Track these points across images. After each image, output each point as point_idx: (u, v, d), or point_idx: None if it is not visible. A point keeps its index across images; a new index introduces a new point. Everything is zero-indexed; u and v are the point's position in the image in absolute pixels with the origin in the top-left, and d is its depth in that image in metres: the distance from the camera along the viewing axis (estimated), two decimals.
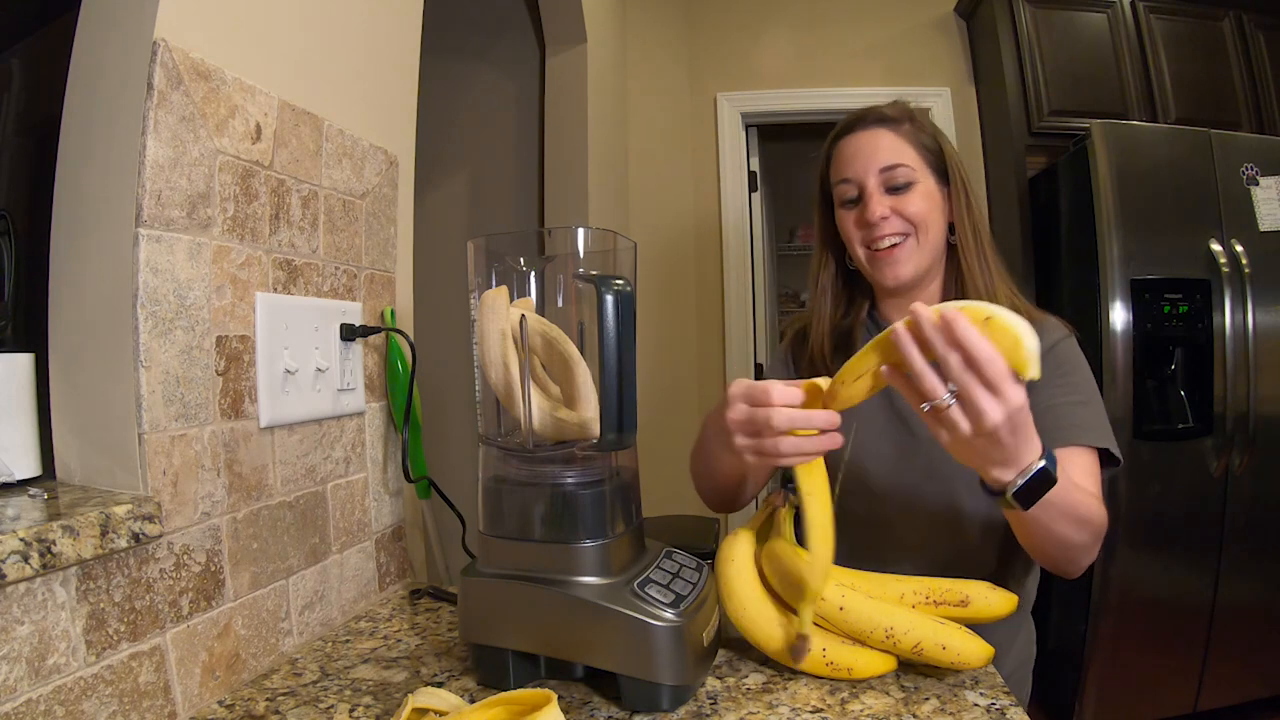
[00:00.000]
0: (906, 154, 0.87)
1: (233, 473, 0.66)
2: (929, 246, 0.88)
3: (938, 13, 2.72)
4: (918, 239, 0.87)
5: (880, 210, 0.86)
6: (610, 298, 0.55)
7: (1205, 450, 1.90)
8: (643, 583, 0.60)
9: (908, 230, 0.87)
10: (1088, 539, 0.72)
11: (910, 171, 0.87)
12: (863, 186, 0.88)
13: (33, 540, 0.47)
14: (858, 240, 0.90)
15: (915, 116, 0.90)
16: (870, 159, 0.87)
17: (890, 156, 0.87)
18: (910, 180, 0.87)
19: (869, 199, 0.87)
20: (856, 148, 0.89)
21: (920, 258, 0.88)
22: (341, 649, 0.74)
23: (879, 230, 0.87)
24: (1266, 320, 1.91)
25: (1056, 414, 0.81)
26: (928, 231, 0.87)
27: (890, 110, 0.90)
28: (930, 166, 0.88)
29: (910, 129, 0.88)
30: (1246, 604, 1.92)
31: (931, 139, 0.90)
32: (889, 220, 0.86)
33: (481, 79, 2.31)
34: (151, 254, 0.58)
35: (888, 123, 0.88)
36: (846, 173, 0.89)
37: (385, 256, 0.92)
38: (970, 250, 0.89)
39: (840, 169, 0.90)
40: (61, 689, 0.50)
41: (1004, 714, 0.57)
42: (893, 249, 0.87)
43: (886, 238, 0.87)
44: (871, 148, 0.88)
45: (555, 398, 0.65)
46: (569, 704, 0.60)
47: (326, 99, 0.80)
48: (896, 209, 0.86)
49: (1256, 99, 2.37)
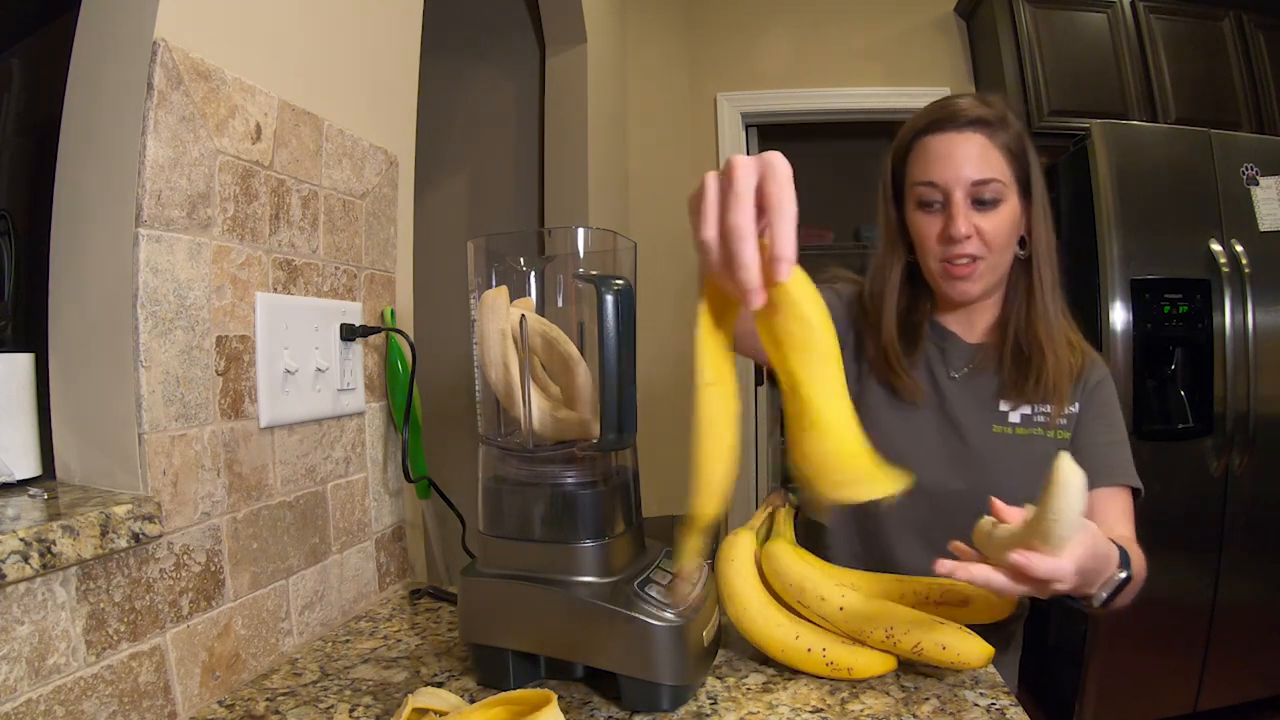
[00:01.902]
0: (998, 166, 0.82)
1: (233, 473, 0.66)
2: (1002, 266, 0.85)
3: (938, 13, 2.72)
4: (990, 261, 0.83)
5: (965, 228, 0.81)
6: (610, 298, 0.55)
7: (1205, 450, 1.90)
8: (643, 583, 0.60)
9: (984, 252, 0.83)
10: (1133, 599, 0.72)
11: (1000, 187, 0.82)
12: (948, 196, 0.82)
13: (33, 540, 0.47)
14: (933, 252, 0.85)
15: (1008, 118, 0.84)
16: (961, 167, 0.81)
17: (982, 169, 0.81)
18: (998, 197, 0.82)
19: (954, 213, 0.81)
20: (947, 150, 0.82)
21: (991, 278, 0.85)
22: (341, 649, 0.74)
23: (958, 249, 0.82)
24: (1266, 320, 1.91)
25: (1099, 454, 0.83)
26: (1004, 253, 0.84)
27: (986, 110, 0.83)
28: (1017, 179, 0.84)
29: (1003, 134, 0.83)
30: (1246, 604, 1.92)
31: (1019, 144, 0.84)
32: (971, 240, 0.82)
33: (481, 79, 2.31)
34: (151, 254, 0.58)
35: (983, 126, 0.82)
36: (932, 175, 0.83)
37: (385, 256, 0.92)
38: (1046, 273, 0.85)
39: (924, 169, 0.84)
40: (61, 689, 0.50)
41: (1004, 714, 0.57)
42: (967, 267, 0.83)
43: (963, 257, 0.83)
44: (963, 154, 0.82)
45: (555, 398, 0.65)
46: (569, 704, 0.60)
47: (326, 99, 0.80)
48: (979, 227, 0.82)
49: (1256, 99, 2.37)
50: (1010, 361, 0.86)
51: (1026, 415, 0.87)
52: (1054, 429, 0.85)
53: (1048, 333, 0.84)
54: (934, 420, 0.89)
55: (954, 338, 0.92)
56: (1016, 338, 0.86)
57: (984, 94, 0.85)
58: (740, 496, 2.70)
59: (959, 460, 0.87)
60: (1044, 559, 0.52)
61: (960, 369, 0.90)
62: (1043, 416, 0.86)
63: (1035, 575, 0.52)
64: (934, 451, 0.88)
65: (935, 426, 0.89)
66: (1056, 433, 0.85)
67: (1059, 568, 0.53)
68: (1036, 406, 0.86)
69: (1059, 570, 0.53)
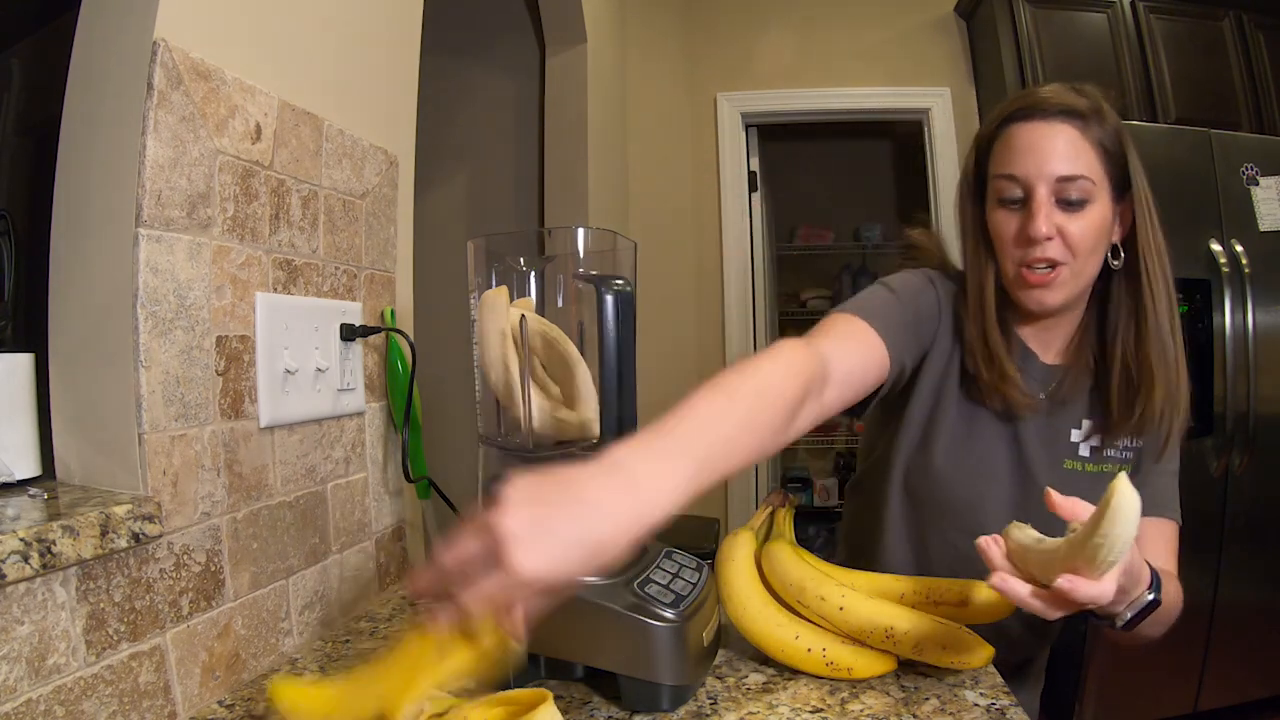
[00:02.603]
0: (1089, 161, 0.74)
1: (233, 473, 0.66)
2: (1085, 276, 0.77)
3: (938, 13, 2.72)
4: (1074, 268, 0.75)
5: (1046, 228, 0.73)
6: (610, 298, 0.55)
7: (1205, 450, 1.90)
8: (643, 583, 0.60)
9: (1066, 258, 0.75)
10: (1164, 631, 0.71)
11: (1089, 186, 0.74)
12: (1030, 191, 0.75)
13: (33, 540, 0.47)
14: (1010, 255, 0.78)
15: (1104, 110, 0.76)
16: (1046, 161, 0.74)
17: (1069, 164, 0.74)
18: (1086, 197, 0.74)
19: (1035, 210, 0.74)
20: (1032, 141, 0.75)
21: (1073, 287, 0.77)
22: (341, 649, 0.74)
23: (1038, 252, 0.75)
24: (1266, 320, 1.91)
25: (1157, 483, 0.81)
26: (1089, 259, 0.76)
27: (1078, 100, 0.76)
28: (1109, 178, 0.76)
29: (1096, 128, 0.75)
30: (1246, 604, 1.92)
31: (1115, 140, 0.76)
32: (1053, 242, 0.74)
33: (481, 79, 2.31)
34: (151, 254, 0.58)
35: (1074, 117, 0.75)
36: (1014, 168, 0.76)
37: (385, 256, 0.92)
38: (1158, 284, 0.77)
39: (1007, 161, 0.77)
40: (61, 689, 0.50)
41: (1004, 714, 0.57)
42: (1046, 273, 0.75)
43: (1042, 261, 0.75)
44: (1050, 146, 0.74)
45: (555, 398, 0.65)
46: (569, 704, 0.60)
47: (326, 99, 0.80)
48: (1062, 229, 0.74)
49: (1256, 99, 2.37)
50: (1120, 389, 0.78)
51: (1095, 448, 0.82)
52: (1120, 464, 0.81)
53: (1161, 357, 0.76)
54: (1006, 449, 0.82)
55: (1033, 357, 0.83)
56: (1125, 362, 0.78)
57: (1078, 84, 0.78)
58: (740, 496, 2.70)
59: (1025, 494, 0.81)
60: (1088, 584, 0.50)
61: (1037, 393, 0.82)
62: (1112, 451, 0.81)
63: (1077, 600, 0.50)
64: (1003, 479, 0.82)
65: (1006, 455, 0.82)
66: (1122, 467, 0.81)
67: (1102, 592, 0.50)
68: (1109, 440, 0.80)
69: (1102, 595, 0.51)
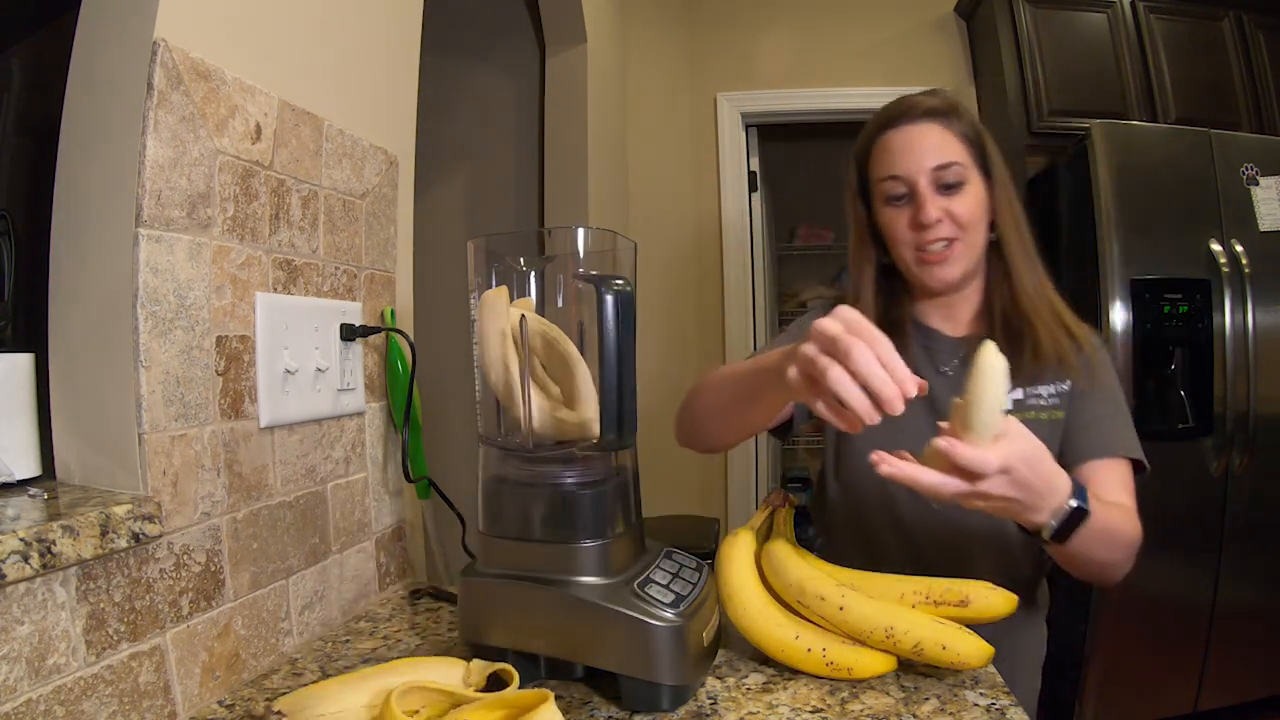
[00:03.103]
0: (956, 150, 0.84)
1: (233, 473, 0.66)
2: (976, 247, 0.86)
3: (938, 13, 2.72)
4: (965, 241, 0.85)
5: (934, 213, 0.83)
6: (610, 298, 0.55)
7: (1205, 450, 1.90)
8: (643, 583, 0.60)
9: (957, 234, 0.84)
10: (1122, 557, 0.75)
11: (961, 170, 0.84)
12: (913, 186, 0.84)
13: (33, 540, 0.47)
14: (907, 242, 0.87)
15: (959, 107, 0.87)
16: (922, 156, 0.84)
17: (941, 154, 0.84)
18: (961, 179, 0.84)
19: (922, 200, 0.84)
20: (906, 143, 0.85)
21: (968, 259, 0.86)
22: (341, 649, 0.74)
23: (932, 234, 0.84)
24: (1266, 320, 1.91)
25: (1098, 428, 0.83)
26: (975, 232, 0.85)
27: (938, 102, 0.86)
28: (976, 162, 0.86)
29: (957, 122, 0.85)
30: (1246, 604, 1.92)
31: (974, 131, 0.87)
32: (942, 223, 0.84)
33: (481, 79, 2.31)
34: (151, 254, 0.58)
35: (937, 116, 0.85)
36: (895, 169, 0.85)
37: (385, 256, 0.92)
38: (1017, 249, 0.86)
39: (887, 164, 0.86)
40: (61, 689, 0.50)
41: (1004, 714, 0.57)
42: (943, 252, 0.85)
43: (937, 241, 0.84)
44: (922, 144, 0.84)
45: (555, 398, 0.65)
46: (569, 704, 0.60)
47: (326, 99, 0.80)
48: (948, 210, 0.84)
49: (1256, 99, 2.37)
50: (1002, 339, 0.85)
51: (1019, 400, 0.86)
52: (1048, 410, 0.86)
53: (1032, 305, 0.85)
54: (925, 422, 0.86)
55: (938, 334, 0.92)
56: (1005, 317, 0.87)
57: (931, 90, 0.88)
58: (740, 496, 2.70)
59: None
60: (966, 447, 0.53)
61: (949, 363, 0.90)
62: (1035, 399, 0.86)
63: (957, 460, 0.54)
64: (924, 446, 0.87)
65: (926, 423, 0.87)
66: (1050, 414, 0.85)
67: (982, 458, 0.54)
68: (1029, 390, 0.86)
69: (982, 461, 0.54)
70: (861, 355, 0.52)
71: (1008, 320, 0.86)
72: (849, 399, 0.52)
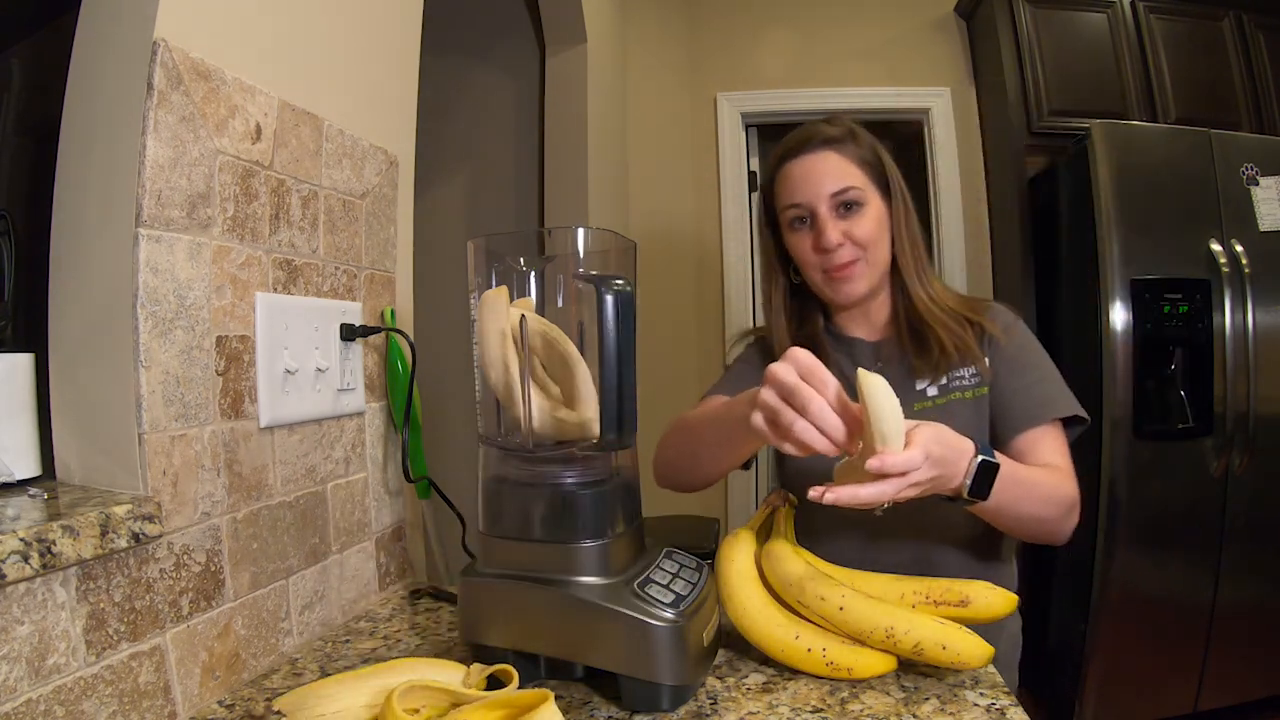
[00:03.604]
0: (853, 174, 0.89)
1: (233, 473, 0.66)
2: (879, 263, 0.91)
3: (938, 13, 2.72)
4: (867, 259, 0.89)
5: (835, 237, 0.87)
6: (610, 298, 0.55)
7: (1205, 450, 1.90)
8: (643, 583, 0.60)
9: (858, 254, 0.89)
10: (1058, 511, 0.79)
11: (859, 192, 0.88)
12: (814, 212, 0.89)
13: (33, 540, 0.47)
14: (812, 264, 0.91)
15: (856, 132, 0.92)
16: (820, 183, 0.88)
17: (839, 180, 0.88)
18: (859, 200, 0.88)
19: (822, 225, 0.88)
20: (805, 172, 0.90)
21: (872, 274, 0.91)
22: (341, 649, 0.74)
23: (834, 259, 0.88)
24: (1266, 320, 1.91)
25: (1020, 398, 0.87)
26: (878, 249, 0.90)
27: (833, 130, 0.91)
28: (874, 182, 0.90)
29: (853, 147, 0.90)
30: (1246, 604, 1.92)
31: (872, 153, 0.91)
32: (844, 247, 0.88)
33: (481, 79, 2.31)
34: (151, 254, 0.58)
35: (833, 143, 0.89)
36: (796, 198, 0.90)
37: (385, 256, 0.92)
38: (908, 262, 0.92)
39: (789, 193, 0.91)
40: (61, 689, 0.50)
41: (1004, 714, 0.57)
42: (846, 268, 0.89)
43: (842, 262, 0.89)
44: (820, 171, 0.89)
45: (555, 398, 0.65)
46: (569, 704, 0.60)
47: (326, 99, 0.80)
48: (848, 233, 0.88)
49: (1256, 99, 2.37)
50: (910, 342, 0.92)
51: (943, 385, 0.91)
52: (970, 389, 0.90)
53: (927, 307, 0.91)
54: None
55: (858, 341, 0.97)
56: (909, 320, 0.92)
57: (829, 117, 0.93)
58: (740, 497, 2.70)
59: None
60: (895, 454, 0.58)
61: (872, 365, 0.94)
62: (958, 381, 0.90)
63: (894, 470, 0.58)
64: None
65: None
66: (974, 391, 0.89)
67: (910, 458, 0.58)
68: (951, 375, 0.90)
69: (911, 460, 0.58)
70: (818, 408, 0.59)
71: (912, 324, 0.92)
72: (816, 446, 0.60)
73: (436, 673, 0.58)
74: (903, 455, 0.58)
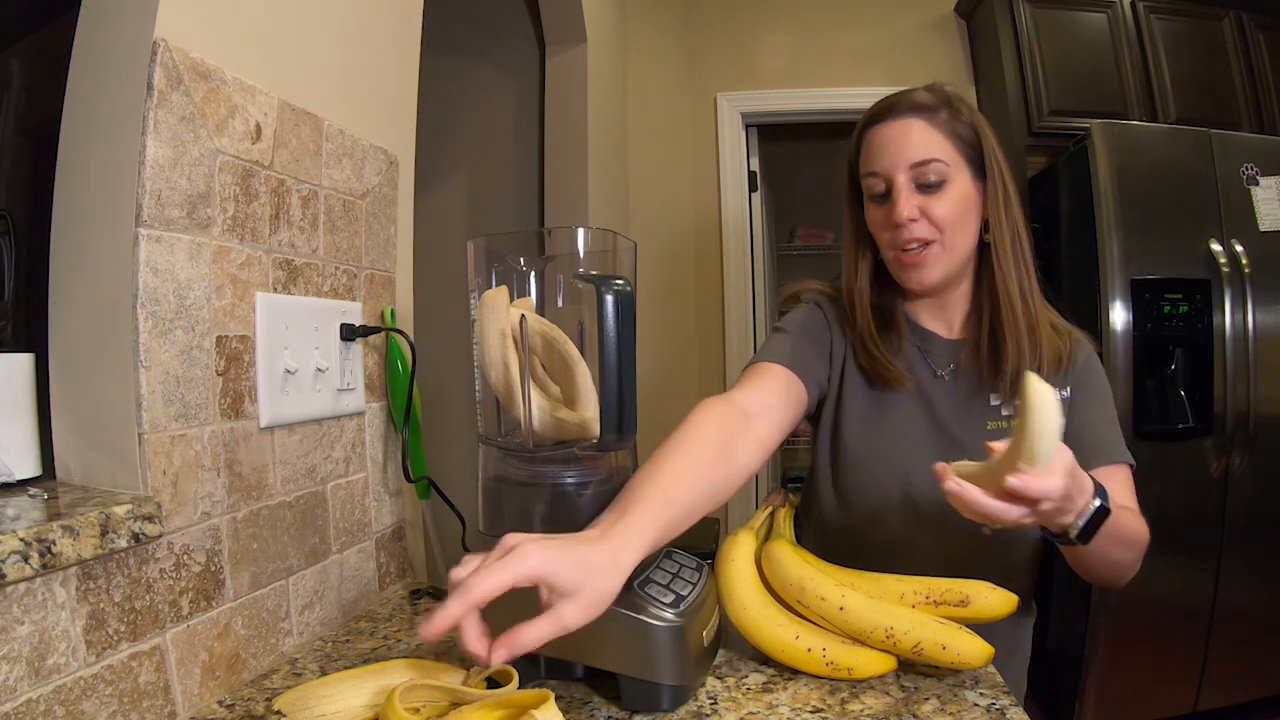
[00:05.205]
0: (940, 147, 0.80)
1: (233, 473, 0.66)
2: (958, 250, 0.82)
3: (937, 13, 2.72)
4: (944, 243, 0.81)
5: (908, 211, 0.80)
6: (610, 298, 0.55)
7: (1205, 450, 1.90)
8: (643, 583, 0.60)
9: (934, 235, 0.81)
10: (1134, 557, 0.75)
11: (943, 168, 0.80)
12: (891, 182, 0.82)
13: (33, 540, 0.47)
14: (885, 241, 0.85)
15: (953, 102, 0.83)
16: (900, 153, 0.81)
17: (922, 151, 0.80)
18: (943, 178, 0.80)
19: (897, 197, 0.81)
20: (886, 139, 0.82)
21: (948, 262, 0.82)
22: (341, 649, 0.74)
23: (906, 233, 0.81)
24: (1266, 320, 1.91)
25: (1093, 432, 0.83)
26: (958, 234, 0.81)
27: (926, 97, 0.82)
28: (966, 160, 0.82)
29: (947, 117, 0.81)
30: (1246, 604, 1.92)
31: (969, 128, 0.82)
32: (917, 223, 0.80)
33: (481, 79, 2.31)
34: (151, 254, 0.58)
35: (922, 111, 0.81)
36: (875, 166, 0.83)
37: (385, 256, 0.92)
38: (1007, 252, 0.82)
39: (869, 161, 0.84)
40: (61, 689, 0.50)
41: (1004, 714, 0.57)
42: (919, 253, 0.81)
43: (913, 241, 0.81)
44: (902, 140, 0.81)
45: (555, 398, 0.65)
46: (569, 704, 0.60)
47: (326, 99, 0.80)
48: (925, 210, 0.80)
49: (1256, 99, 2.37)
50: (986, 354, 0.84)
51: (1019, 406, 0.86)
52: None
53: (1013, 320, 0.82)
54: (924, 423, 0.87)
55: (934, 337, 0.90)
56: (991, 329, 0.84)
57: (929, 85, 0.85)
58: (740, 496, 2.70)
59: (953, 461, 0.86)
60: (1037, 478, 0.54)
61: (945, 367, 0.88)
62: None
63: (1030, 495, 0.54)
64: (926, 451, 0.85)
65: (926, 429, 0.87)
66: None
67: (1051, 485, 0.55)
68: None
69: (1051, 488, 0.55)
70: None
71: (994, 328, 0.84)
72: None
73: (436, 673, 0.58)
74: (1046, 482, 0.54)
